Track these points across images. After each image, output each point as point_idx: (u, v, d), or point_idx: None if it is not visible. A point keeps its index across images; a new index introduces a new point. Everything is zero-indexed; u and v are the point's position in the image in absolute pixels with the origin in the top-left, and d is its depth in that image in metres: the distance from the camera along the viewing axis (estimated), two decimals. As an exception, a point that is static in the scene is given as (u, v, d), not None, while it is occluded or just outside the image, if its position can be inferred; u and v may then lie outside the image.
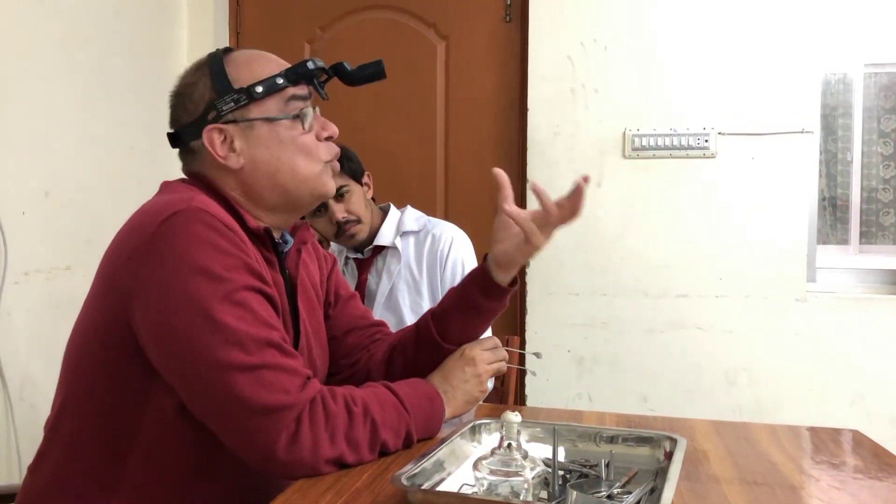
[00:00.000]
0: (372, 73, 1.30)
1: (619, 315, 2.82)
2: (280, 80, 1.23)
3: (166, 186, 1.26)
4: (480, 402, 1.46)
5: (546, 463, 1.09)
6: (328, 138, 1.29)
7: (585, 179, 1.26)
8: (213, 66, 1.24)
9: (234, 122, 1.22)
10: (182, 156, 1.29)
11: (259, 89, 1.22)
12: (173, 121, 1.28)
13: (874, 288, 2.81)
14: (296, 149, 1.24)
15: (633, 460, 1.16)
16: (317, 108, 1.30)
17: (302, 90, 1.26)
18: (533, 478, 1.01)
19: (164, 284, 1.07)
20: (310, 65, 1.24)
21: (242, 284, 1.10)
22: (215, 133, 1.22)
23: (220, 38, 3.14)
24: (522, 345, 2.83)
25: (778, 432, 1.35)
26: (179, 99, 1.27)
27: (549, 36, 2.86)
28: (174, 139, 1.28)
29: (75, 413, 1.17)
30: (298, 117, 1.24)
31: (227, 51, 1.28)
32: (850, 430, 1.39)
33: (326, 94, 1.30)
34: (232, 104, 1.22)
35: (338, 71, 1.29)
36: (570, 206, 1.29)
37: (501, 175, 1.35)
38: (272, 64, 1.26)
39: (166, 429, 1.12)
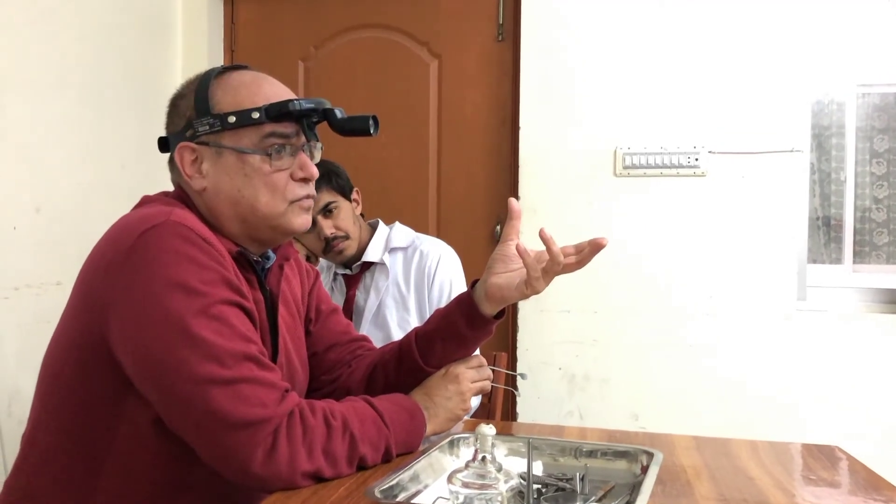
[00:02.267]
0: (358, 127, 1.25)
1: (610, 332, 2.82)
2: (256, 115, 1.19)
3: (146, 200, 1.26)
4: (467, 417, 1.46)
5: (522, 476, 1.09)
6: (303, 179, 1.25)
7: (603, 242, 1.26)
8: (200, 84, 1.24)
9: (206, 144, 1.22)
10: (168, 163, 1.30)
11: (232, 119, 1.19)
12: (166, 127, 1.29)
13: (867, 306, 2.81)
14: (261, 184, 1.21)
15: (610, 474, 1.17)
16: (314, 144, 1.27)
17: (286, 128, 1.22)
18: (507, 491, 1.00)
19: (141, 298, 1.07)
20: (292, 106, 1.20)
21: (220, 298, 1.10)
22: (187, 151, 1.23)
23: (214, 57, 3.16)
24: (513, 362, 2.83)
25: (758, 448, 1.35)
26: (171, 108, 1.28)
27: (541, 55, 2.88)
28: (164, 146, 1.29)
29: (50, 426, 1.17)
30: (269, 155, 1.21)
31: (225, 69, 1.27)
32: (830, 445, 1.38)
33: (316, 135, 1.27)
34: (207, 127, 1.21)
35: (327, 116, 1.25)
36: (578, 259, 1.27)
37: (516, 207, 1.32)
38: (261, 94, 1.22)
39: (140, 442, 1.12)
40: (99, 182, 2.61)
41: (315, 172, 1.26)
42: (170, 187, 1.32)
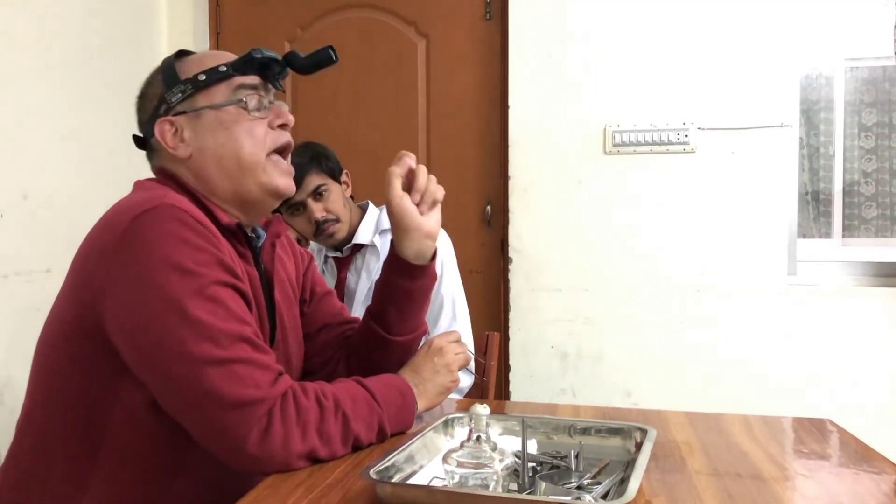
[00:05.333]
0: (321, 59, 1.29)
1: (602, 310, 2.83)
2: (223, 69, 1.24)
3: (139, 185, 1.27)
4: (460, 397, 1.47)
5: (517, 455, 1.09)
6: (282, 126, 1.28)
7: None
8: (164, 65, 1.29)
9: (182, 113, 1.25)
10: (148, 156, 1.32)
11: (202, 77, 1.24)
12: (138, 123, 1.32)
13: (857, 280, 2.83)
14: (241, 133, 1.24)
15: (604, 451, 1.17)
16: (278, 103, 1.31)
17: (252, 80, 1.26)
18: (502, 469, 1.01)
19: (137, 280, 1.08)
20: (255, 54, 1.25)
21: (214, 279, 1.11)
22: (166, 125, 1.25)
23: (200, 39, 3.14)
24: (505, 341, 2.84)
25: (751, 422, 1.36)
26: (139, 101, 1.32)
27: (529, 33, 2.87)
28: (140, 141, 1.32)
29: (44, 410, 1.17)
30: (244, 103, 1.24)
31: (183, 53, 1.31)
32: (822, 419, 1.39)
33: (282, 85, 1.31)
34: (179, 95, 1.24)
35: (289, 61, 1.29)
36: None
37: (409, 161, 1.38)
38: (223, 58, 1.27)
39: (136, 425, 1.12)
40: (86, 167, 2.59)
41: (291, 119, 1.30)
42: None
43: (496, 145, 2.99)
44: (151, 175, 1.33)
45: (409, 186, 1.35)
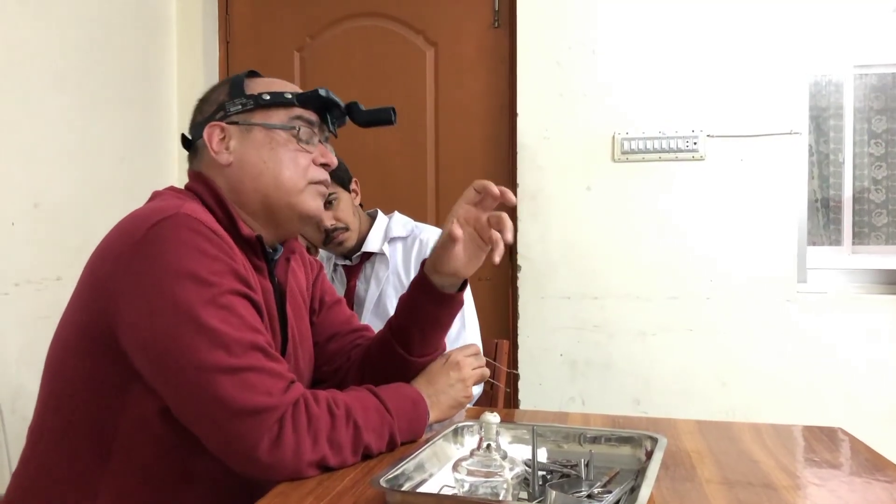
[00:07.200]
0: (380, 117, 1.36)
1: (610, 318, 2.83)
2: (288, 96, 1.28)
3: (156, 195, 1.29)
4: (469, 405, 1.47)
5: (526, 463, 1.09)
6: (324, 165, 1.32)
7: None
8: (234, 78, 1.33)
9: (236, 123, 1.28)
10: (190, 156, 1.35)
11: (266, 97, 1.28)
12: (191, 124, 1.35)
13: (866, 288, 2.82)
14: (286, 158, 1.28)
15: (615, 460, 1.17)
16: (328, 145, 1.35)
17: (310, 115, 1.31)
18: (512, 478, 1.01)
19: (151, 287, 1.09)
20: (321, 92, 1.30)
21: (228, 288, 1.12)
22: (216, 129, 1.28)
23: (209, 49, 3.15)
24: (514, 349, 2.84)
25: (761, 431, 1.35)
26: (200, 103, 1.35)
27: (538, 41, 2.87)
28: (187, 142, 1.35)
29: (56, 416, 1.18)
30: (296, 132, 1.28)
31: (254, 73, 1.35)
32: (833, 427, 1.39)
33: (336, 131, 1.35)
34: (239, 107, 1.28)
35: (349, 109, 1.35)
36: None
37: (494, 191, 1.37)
38: (290, 88, 1.32)
39: (146, 432, 1.13)
40: (97, 176, 2.60)
41: (335, 162, 1.34)
42: (169, 181, 1.33)
43: (504, 153, 3.00)
44: (160, 184, 1.34)
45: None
